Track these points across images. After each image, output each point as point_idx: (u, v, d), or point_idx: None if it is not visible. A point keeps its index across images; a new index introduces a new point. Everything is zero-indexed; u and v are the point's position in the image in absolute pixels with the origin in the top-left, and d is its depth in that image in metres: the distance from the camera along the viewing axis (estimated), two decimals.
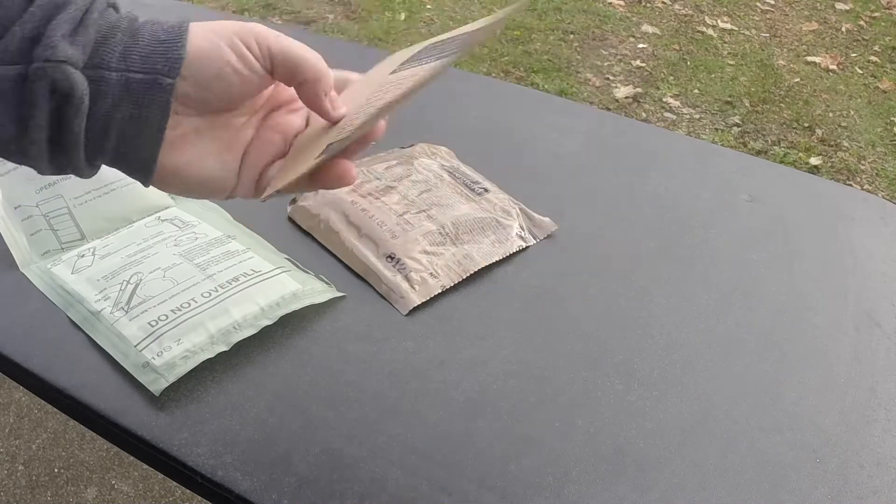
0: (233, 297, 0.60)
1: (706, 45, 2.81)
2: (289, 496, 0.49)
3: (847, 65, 2.75)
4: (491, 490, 0.50)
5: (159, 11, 1.11)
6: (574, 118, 0.90)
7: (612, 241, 0.72)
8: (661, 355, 0.61)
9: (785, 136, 2.34)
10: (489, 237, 0.69)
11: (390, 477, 0.51)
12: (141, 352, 0.56)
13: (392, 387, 0.57)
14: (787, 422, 0.56)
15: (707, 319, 0.64)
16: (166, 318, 0.58)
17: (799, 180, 0.83)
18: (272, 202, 0.74)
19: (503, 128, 0.88)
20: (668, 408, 0.56)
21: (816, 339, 0.63)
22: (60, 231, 0.66)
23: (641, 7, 3.06)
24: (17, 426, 1.41)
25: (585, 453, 0.53)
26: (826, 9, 3.14)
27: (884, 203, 0.80)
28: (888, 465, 0.53)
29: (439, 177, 0.74)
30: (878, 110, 2.50)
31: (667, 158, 0.84)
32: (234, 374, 0.57)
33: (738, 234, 0.74)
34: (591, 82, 2.54)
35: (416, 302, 0.63)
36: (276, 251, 0.67)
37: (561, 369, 0.59)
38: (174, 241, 0.65)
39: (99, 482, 1.33)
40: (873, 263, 0.71)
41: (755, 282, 0.68)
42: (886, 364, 0.61)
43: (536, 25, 2.86)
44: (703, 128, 2.35)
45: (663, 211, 0.76)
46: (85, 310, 0.60)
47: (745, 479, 0.52)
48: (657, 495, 0.50)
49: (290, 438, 0.53)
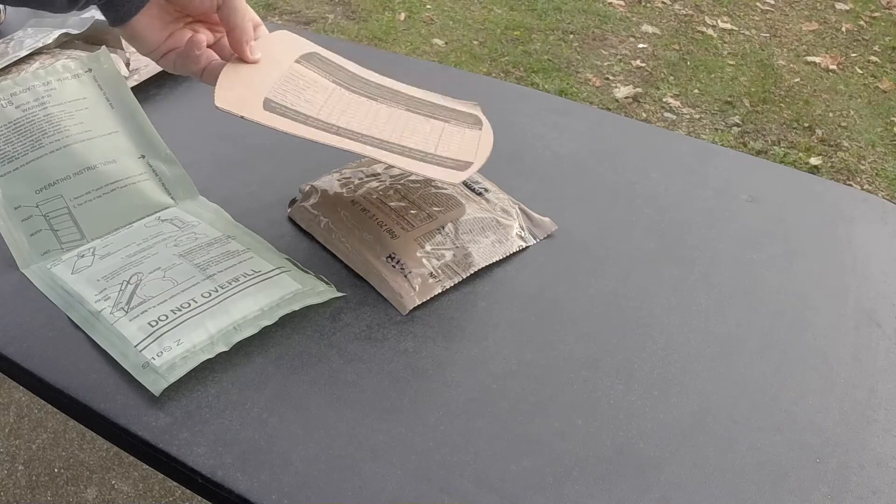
0: (233, 298, 0.60)
1: (706, 45, 2.81)
2: (289, 496, 0.49)
3: (847, 65, 2.75)
4: (491, 490, 0.50)
5: None
6: (574, 118, 0.90)
7: (612, 241, 0.72)
8: (661, 355, 0.61)
9: (785, 136, 2.34)
10: (489, 237, 0.69)
11: (390, 477, 0.51)
12: (141, 352, 0.56)
13: (392, 387, 0.57)
14: (787, 422, 0.56)
15: (707, 319, 0.64)
16: (166, 318, 0.58)
17: (799, 180, 0.83)
18: (273, 203, 0.74)
19: (503, 128, 0.88)
20: (668, 408, 0.56)
21: (816, 339, 0.63)
22: (60, 231, 0.66)
23: (641, 7, 3.06)
24: (17, 426, 1.41)
25: (585, 453, 0.53)
26: (826, 9, 3.14)
27: (884, 203, 0.80)
28: (888, 465, 0.53)
29: None
30: (878, 110, 2.50)
31: (667, 158, 0.84)
32: (234, 374, 0.57)
33: (738, 234, 0.74)
34: (591, 82, 2.54)
35: (416, 302, 0.63)
36: (276, 251, 0.67)
37: (561, 369, 0.59)
38: (174, 241, 0.65)
39: (99, 482, 1.33)
40: (873, 263, 0.71)
41: (755, 282, 0.68)
42: (886, 364, 0.61)
43: (536, 25, 2.86)
44: (703, 128, 2.35)
45: (663, 211, 0.76)
46: (85, 310, 0.60)
47: (745, 479, 0.52)
48: (657, 495, 0.50)
49: (290, 438, 0.53)
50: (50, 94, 0.71)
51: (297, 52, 0.68)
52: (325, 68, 0.68)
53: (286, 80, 0.63)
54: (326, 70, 0.67)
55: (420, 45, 2.71)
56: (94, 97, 0.72)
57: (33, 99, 0.70)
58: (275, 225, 0.71)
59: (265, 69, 0.63)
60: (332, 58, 0.70)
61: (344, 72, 0.69)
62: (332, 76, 0.67)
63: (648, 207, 0.77)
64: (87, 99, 0.72)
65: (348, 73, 0.69)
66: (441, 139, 0.65)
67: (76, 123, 0.70)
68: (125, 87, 0.74)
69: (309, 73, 0.65)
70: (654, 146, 0.86)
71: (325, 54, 0.70)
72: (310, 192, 0.72)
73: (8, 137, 0.68)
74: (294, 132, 0.59)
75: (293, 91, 0.62)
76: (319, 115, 0.62)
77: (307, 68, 0.66)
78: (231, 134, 0.82)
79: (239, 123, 0.58)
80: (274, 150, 0.80)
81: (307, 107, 0.62)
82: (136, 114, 0.73)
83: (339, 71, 0.69)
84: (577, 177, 0.80)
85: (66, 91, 0.71)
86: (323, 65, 0.68)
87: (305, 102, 0.62)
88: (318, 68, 0.67)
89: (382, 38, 2.73)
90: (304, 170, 0.76)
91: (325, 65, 0.68)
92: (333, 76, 0.67)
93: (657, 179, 0.81)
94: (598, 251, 0.71)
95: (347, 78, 0.68)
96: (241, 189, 0.75)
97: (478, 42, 2.73)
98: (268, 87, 0.62)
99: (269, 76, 0.63)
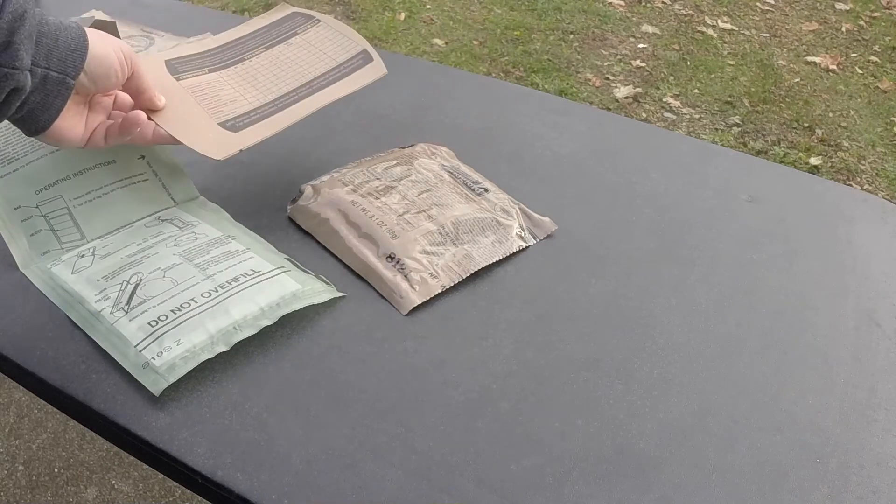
0: (233, 298, 0.60)
1: (706, 45, 2.81)
2: (289, 496, 0.49)
3: (847, 65, 2.75)
4: (491, 490, 0.50)
5: (159, 11, 1.11)
6: (574, 118, 0.90)
7: (612, 241, 0.72)
8: (661, 355, 0.61)
9: (785, 136, 2.34)
10: (489, 237, 0.69)
11: (390, 477, 0.51)
12: (141, 352, 0.56)
13: (392, 387, 0.57)
14: (787, 422, 0.56)
15: (707, 319, 0.64)
16: (166, 318, 0.58)
17: (799, 180, 0.83)
18: (273, 203, 0.74)
19: (503, 128, 0.88)
20: (668, 408, 0.56)
21: (816, 339, 0.63)
22: (60, 231, 0.66)
23: (641, 7, 3.06)
24: (17, 426, 1.41)
25: (585, 453, 0.53)
26: (826, 9, 3.14)
27: (884, 203, 0.80)
28: (888, 465, 0.53)
29: (439, 177, 0.74)
30: (878, 110, 2.50)
31: (667, 158, 0.84)
32: (234, 374, 0.57)
33: (738, 234, 0.74)
34: (591, 82, 2.54)
35: (416, 302, 0.63)
36: (276, 251, 0.67)
37: (561, 369, 0.59)
38: (174, 241, 0.65)
39: (99, 482, 1.33)
40: (873, 263, 0.71)
41: (755, 282, 0.68)
42: (886, 364, 0.61)
43: (536, 25, 2.86)
44: (703, 128, 2.35)
45: (663, 211, 0.76)
46: (85, 310, 0.60)
47: (745, 479, 0.52)
48: (657, 495, 0.50)
49: (290, 438, 0.53)
50: None
51: (162, 71, 0.70)
52: (189, 66, 0.72)
53: (201, 101, 0.68)
54: (193, 67, 0.72)
55: (420, 45, 2.70)
56: None
57: None
58: (275, 225, 0.71)
59: (186, 104, 0.67)
60: (176, 54, 0.74)
61: (200, 58, 0.74)
62: (204, 69, 0.72)
63: (648, 207, 0.77)
64: None
65: (201, 56, 0.74)
66: (314, 54, 0.75)
67: None
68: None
69: (194, 80, 0.70)
70: (654, 146, 0.86)
71: (170, 56, 0.73)
72: (310, 192, 0.72)
73: (8, 139, 0.68)
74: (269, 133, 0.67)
75: (213, 105, 0.68)
76: (253, 104, 0.69)
77: (187, 77, 0.70)
78: None
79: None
80: (274, 150, 0.80)
81: (241, 103, 0.69)
82: None
83: (196, 59, 0.74)
84: (577, 177, 0.80)
85: None
86: (184, 65, 0.72)
87: (231, 102, 0.69)
88: (188, 71, 0.71)
89: (382, 38, 2.73)
90: (304, 170, 0.76)
91: (185, 63, 0.72)
92: (205, 68, 0.73)
93: (657, 179, 0.81)
94: (598, 251, 0.71)
95: (206, 61, 0.74)
96: (241, 189, 0.75)
97: (478, 42, 2.73)
98: (207, 115, 0.67)
99: (194, 107, 0.67)
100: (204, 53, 0.74)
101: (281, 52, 0.75)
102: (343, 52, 0.75)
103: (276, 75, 0.73)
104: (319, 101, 0.70)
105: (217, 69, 0.73)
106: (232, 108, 0.68)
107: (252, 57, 0.75)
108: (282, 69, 0.73)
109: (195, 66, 0.72)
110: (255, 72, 0.73)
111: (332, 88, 0.71)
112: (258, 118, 0.68)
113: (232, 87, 0.71)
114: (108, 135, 0.62)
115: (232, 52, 0.75)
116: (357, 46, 0.75)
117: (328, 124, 0.85)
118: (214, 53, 0.75)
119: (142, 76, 0.61)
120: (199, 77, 0.71)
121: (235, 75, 0.73)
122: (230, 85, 0.71)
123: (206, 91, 0.69)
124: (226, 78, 0.72)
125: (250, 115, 0.68)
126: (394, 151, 0.78)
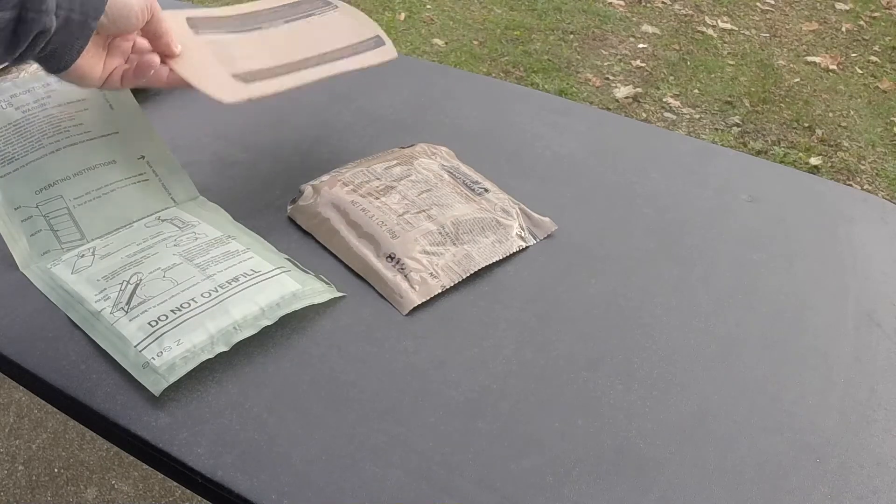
0: (233, 298, 0.60)
1: (706, 45, 2.81)
2: (289, 496, 0.49)
3: (847, 65, 2.75)
4: (491, 490, 0.50)
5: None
6: (574, 118, 0.90)
7: (612, 241, 0.72)
8: (661, 355, 0.61)
9: (785, 136, 2.34)
10: (489, 237, 0.69)
11: (390, 477, 0.51)
12: (141, 352, 0.56)
13: (392, 387, 0.57)
14: (787, 422, 0.56)
15: (707, 319, 0.64)
16: (166, 318, 0.58)
17: (799, 180, 0.83)
18: (273, 203, 0.74)
19: (503, 128, 0.88)
20: (668, 408, 0.56)
21: (816, 339, 0.63)
22: (60, 231, 0.66)
23: (641, 7, 3.06)
24: (17, 426, 1.41)
25: (585, 453, 0.53)
26: (826, 9, 3.14)
27: (884, 203, 0.80)
28: (888, 465, 0.53)
29: (439, 177, 0.74)
30: (878, 110, 2.50)
31: (667, 158, 0.84)
32: (234, 374, 0.57)
33: (738, 234, 0.74)
34: (591, 82, 2.54)
35: (416, 302, 0.63)
36: (276, 251, 0.67)
37: (561, 369, 0.59)
38: (174, 242, 0.65)
39: (99, 482, 1.33)
40: (873, 263, 0.71)
41: (755, 282, 0.68)
42: (886, 364, 0.61)
43: (536, 25, 2.86)
44: (703, 128, 2.35)
45: (663, 211, 0.76)
46: (85, 310, 0.60)
47: (745, 479, 0.52)
48: (657, 495, 0.50)
49: (290, 438, 0.53)
50: (50, 95, 0.71)
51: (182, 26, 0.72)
52: (209, 26, 0.74)
53: (217, 52, 0.70)
54: (213, 27, 0.74)
55: (420, 45, 2.71)
56: (94, 98, 0.72)
57: (33, 100, 0.70)
58: (275, 225, 0.71)
59: (202, 53, 0.69)
60: (198, 14, 0.75)
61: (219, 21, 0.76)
62: (223, 30, 0.74)
63: (648, 207, 0.77)
64: (86, 100, 0.72)
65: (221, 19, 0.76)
66: (330, 33, 0.77)
67: (76, 124, 0.70)
68: (125, 88, 0.74)
69: (212, 37, 0.72)
70: (654, 146, 0.86)
71: (191, 14, 0.74)
72: (310, 192, 0.72)
73: (8, 138, 0.68)
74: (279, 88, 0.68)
75: (228, 59, 0.70)
76: (267, 64, 0.71)
77: (206, 34, 0.72)
78: (231, 134, 0.82)
79: (238, 123, 0.58)
80: (274, 150, 0.80)
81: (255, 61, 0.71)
82: (136, 114, 0.73)
83: (216, 22, 0.75)
84: (577, 177, 0.80)
85: (65, 92, 0.71)
86: (204, 24, 0.74)
87: (247, 59, 0.71)
88: (207, 29, 0.73)
89: None
90: (304, 170, 0.76)
91: (205, 23, 0.74)
92: (224, 28, 0.74)
93: (657, 179, 0.81)
94: (598, 251, 0.71)
95: (226, 24, 0.76)
96: (241, 189, 0.75)
97: (478, 42, 2.73)
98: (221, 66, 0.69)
99: (209, 57, 0.69)
100: (224, 18, 0.76)
101: (299, 26, 0.78)
102: (357, 35, 0.78)
103: (291, 44, 0.75)
104: (330, 70, 0.73)
105: (235, 32, 0.75)
106: (246, 64, 0.70)
107: (270, 27, 0.77)
108: (298, 40, 0.76)
109: (214, 27, 0.74)
110: (273, 39, 0.75)
111: (344, 62, 0.74)
112: (270, 76, 0.70)
113: (248, 48, 0.73)
114: (124, 77, 0.64)
115: (252, 21, 0.78)
116: (371, 31, 0.79)
117: (328, 124, 0.85)
118: (234, 19, 0.77)
119: (160, 21, 0.64)
120: (217, 35, 0.72)
121: (252, 40, 0.75)
122: (246, 46, 0.73)
123: (222, 47, 0.71)
124: (243, 40, 0.74)
125: (262, 72, 0.70)
126: (394, 151, 0.78)
